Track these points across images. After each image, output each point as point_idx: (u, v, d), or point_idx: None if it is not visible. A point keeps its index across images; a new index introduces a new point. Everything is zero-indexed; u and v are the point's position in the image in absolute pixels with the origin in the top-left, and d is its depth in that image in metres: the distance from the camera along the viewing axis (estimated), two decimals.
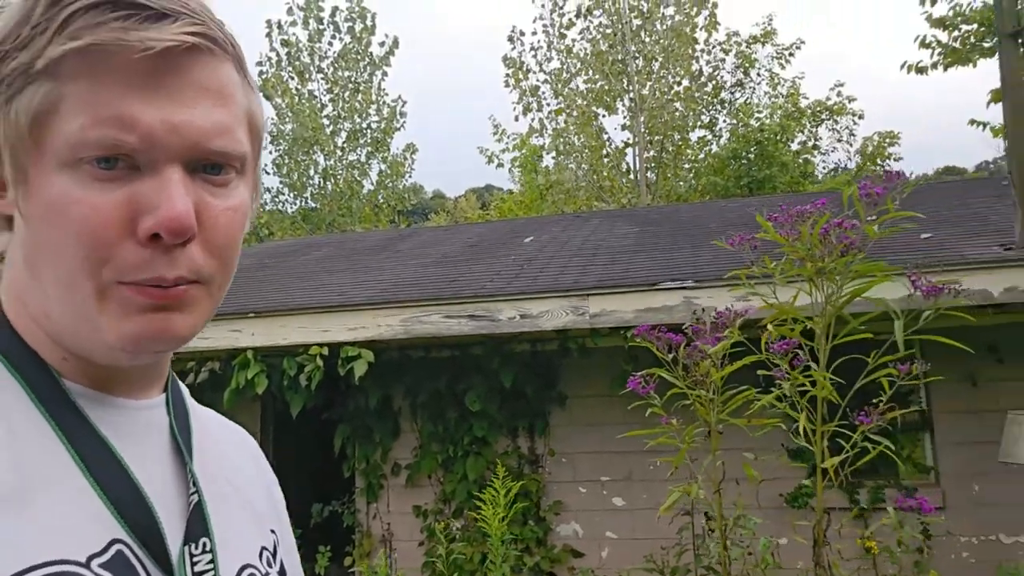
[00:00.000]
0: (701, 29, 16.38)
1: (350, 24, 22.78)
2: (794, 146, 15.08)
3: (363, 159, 22.28)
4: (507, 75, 16.89)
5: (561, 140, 16.22)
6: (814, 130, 15.41)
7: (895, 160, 15.26)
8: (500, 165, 16.28)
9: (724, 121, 15.33)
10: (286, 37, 22.29)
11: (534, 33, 17.24)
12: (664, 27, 16.98)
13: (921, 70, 11.00)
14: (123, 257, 0.59)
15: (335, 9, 22.76)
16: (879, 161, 15.07)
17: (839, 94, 15.60)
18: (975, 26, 10.83)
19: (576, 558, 6.80)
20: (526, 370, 6.91)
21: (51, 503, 0.59)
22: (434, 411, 7.08)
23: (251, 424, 7.43)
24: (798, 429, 6.50)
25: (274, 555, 0.78)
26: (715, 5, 16.41)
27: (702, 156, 15.43)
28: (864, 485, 6.45)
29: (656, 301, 5.83)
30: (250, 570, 0.73)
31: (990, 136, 11.81)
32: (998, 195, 8.27)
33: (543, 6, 16.89)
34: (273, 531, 0.80)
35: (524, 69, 17.30)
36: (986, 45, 10.90)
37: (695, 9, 16.80)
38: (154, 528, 0.63)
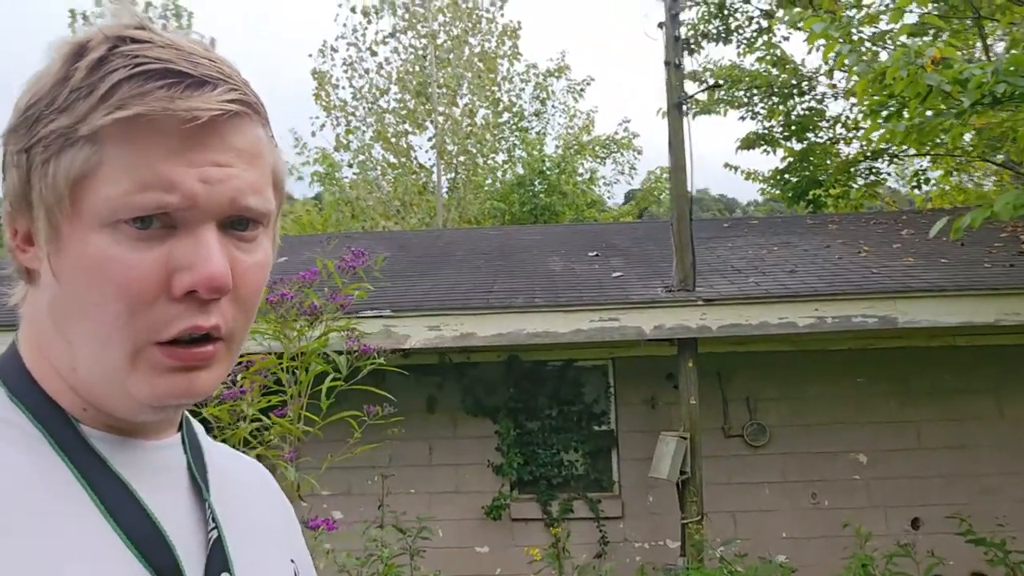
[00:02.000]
0: (503, 58, 17.23)
1: (164, 22, 22.11)
2: (580, 177, 16.14)
3: None
4: (315, 88, 17.02)
5: (365, 155, 16.55)
6: (600, 161, 16.61)
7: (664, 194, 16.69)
8: (300, 178, 16.46)
9: (520, 150, 16.20)
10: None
11: (347, 47, 17.40)
12: (470, 52, 17.68)
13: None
14: (158, 315, 0.61)
15: (148, 5, 22.04)
16: (656, 193, 16.46)
17: (626, 129, 16.96)
18: (721, 80, 12.08)
19: None
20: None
21: (74, 548, 0.60)
22: None
23: None
24: (497, 445, 7.09)
25: None
26: (517, 35, 17.29)
27: (493, 182, 16.20)
28: (556, 497, 7.13)
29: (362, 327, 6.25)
30: None
31: (741, 178, 13.18)
32: (708, 237, 9.32)
33: (349, 24, 17.09)
34: (292, 560, 0.81)
35: (333, 83, 17.48)
36: (733, 95, 12.19)
37: (501, 39, 17.62)
38: (174, 566, 0.64)
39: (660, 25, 6.68)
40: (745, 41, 11.29)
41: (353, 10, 16.68)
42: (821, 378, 7.21)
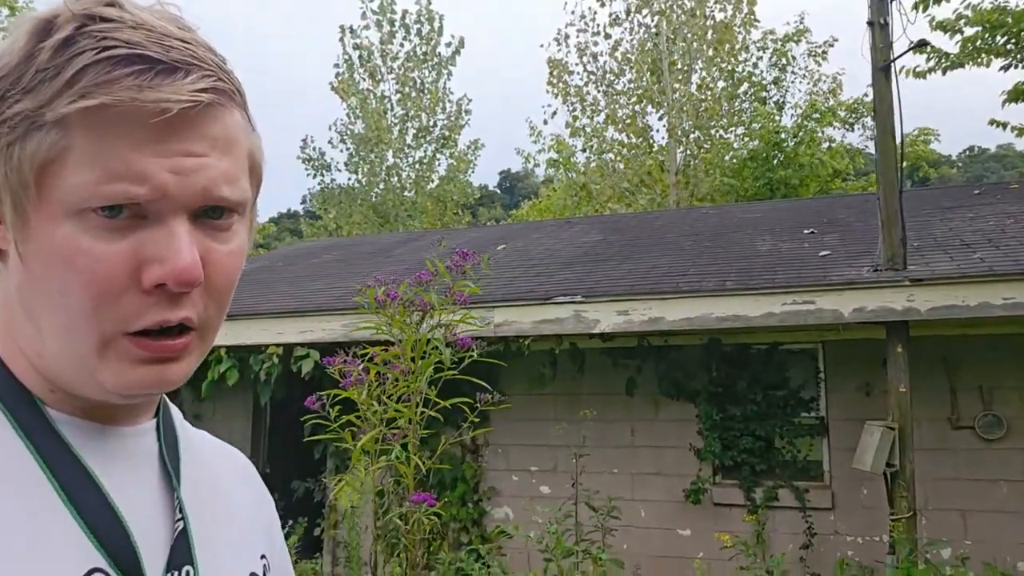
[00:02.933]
0: (739, 27, 16.56)
1: (419, 26, 23.91)
2: (826, 146, 15.07)
3: (429, 156, 23.43)
4: (550, 75, 17.53)
5: (598, 138, 16.78)
6: (848, 127, 15.35)
7: (929, 158, 15.01)
8: (536, 165, 17.00)
9: (756, 123, 15.45)
10: (358, 41, 23.63)
11: (577, 34, 17.72)
12: (707, 24, 17.22)
13: (920, 75, 11.01)
14: (126, 307, 0.59)
15: (405, 12, 23.94)
16: (917, 158, 14.87)
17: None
18: (978, 29, 10.76)
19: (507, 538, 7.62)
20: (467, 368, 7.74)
21: (30, 532, 0.59)
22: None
23: (244, 414, 8.60)
24: (699, 429, 7.12)
25: None
26: (754, 1, 16.53)
27: (733, 158, 15.64)
28: (761, 484, 6.95)
29: (550, 313, 6.55)
30: None
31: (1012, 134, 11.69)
32: (950, 206, 8.44)
33: (578, 11, 17.37)
34: (264, 556, 0.79)
35: (567, 69, 17.90)
36: (995, 42, 10.82)
37: (737, 7, 16.96)
38: (132, 557, 0.62)
39: None
40: None
41: None
42: None
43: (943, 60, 10.72)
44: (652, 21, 17.43)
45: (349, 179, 23.06)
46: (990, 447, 6.49)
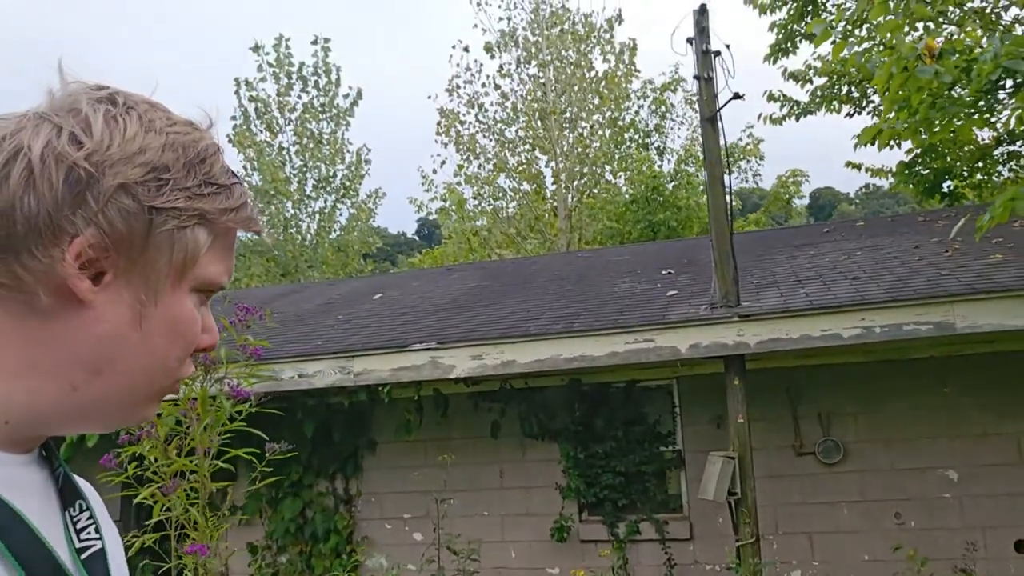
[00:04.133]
0: (620, 77, 17.28)
1: (316, 78, 24.06)
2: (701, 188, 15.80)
3: (329, 206, 23.43)
4: (439, 124, 17.89)
5: (489, 185, 17.16)
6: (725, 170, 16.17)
7: (799, 197, 15.93)
8: (429, 214, 17.27)
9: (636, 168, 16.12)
10: (254, 93, 23.60)
11: (466, 82, 18.17)
12: (591, 75, 17.90)
13: (776, 121, 11.72)
14: (189, 362, 0.75)
15: (302, 64, 24.07)
16: (787, 198, 15.81)
17: (750, 135, 16.42)
18: (824, 80, 11.53)
19: None
20: (336, 419, 7.75)
21: None
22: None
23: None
24: (564, 468, 7.26)
25: None
26: (634, 52, 17.32)
27: (615, 203, 16.25)
28: (624, 519, 7.14)
29: (407, 360, 6.65)
30: None
31: (867, 175, 12.45)
32: (799, 244, 8.96)
33: (463, 61, 17.82)
34: None
35: (459, 119, 18.28)
36: (842, 92, 11.60)
37: (619, 58, 17.72)
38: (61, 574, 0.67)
39: (689, 40, 6.62)
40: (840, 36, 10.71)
41: (467, 50, 17.36)
42: (902, 389, 6.76)
43: (795, 108, 11.45)
44: (539, 72, 18.01)
45: (247, 233, 22.78)
46: (831, 471, 6.85)
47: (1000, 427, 6.54)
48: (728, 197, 6.56)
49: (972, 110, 4.60)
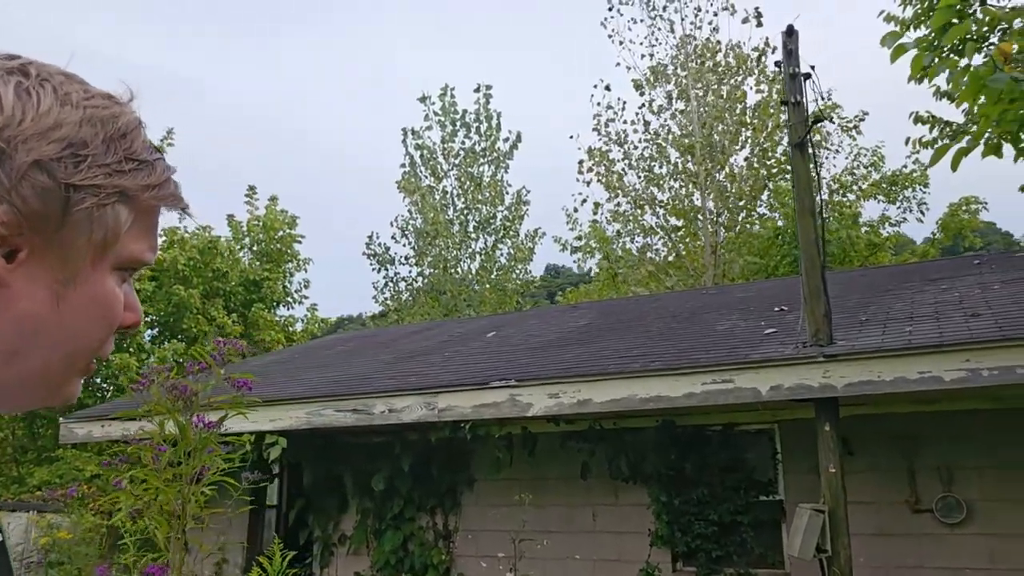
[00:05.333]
0: (773, 107, 16.61)
1: (478, 124, 25.00)
2: (865, 220, 14.70)
3: (490, 247, 24.09)
4: (588, 163, 17.97)
5: (633, 222, 16.96)
6: (890, 200, 14.92)
7: (974, 229, 14.37)
8: (575, 251, 17.27)
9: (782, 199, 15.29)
10: (420, 141, 24.89)
11: (609, 121, 18.17)
12: (740, 107, 17.37)
13: (925, 144, 10.76)
14: (110, 341, 0.74)
15: (464, 112, 25.12)
16: (963, 230, 14.28)
17: (915, 161, 15.08)
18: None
19: None
20: (436, 454, 7.90)
21: None
22: (365, 488, 8.24)
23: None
24: (656, 513, 7.04)
25: None
26: (774, 81, 16.62)
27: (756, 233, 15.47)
28: (719, 571, 6.72)
29: (488, 398, 6.68)
30: None
31: None
32: (937, 278, 8.15)
33: (604, 100, 17.84)
34: None
35: (607, 157, 18.29)
36: None
37: (771, 86, 17.09)
38: None
39: (777, 64, 6.30)
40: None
41: (608, 88, 17.37)
42: None
43: (946, 129, 10.46)
44: (686, 106, 17.69)
45: (409, 271, 23.93)
46: (953, 532, 6.10)
47: None
48: (821, 228, 6.11)
49: None
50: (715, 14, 18.07)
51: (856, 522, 6.25)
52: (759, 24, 15.78)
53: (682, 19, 17.79)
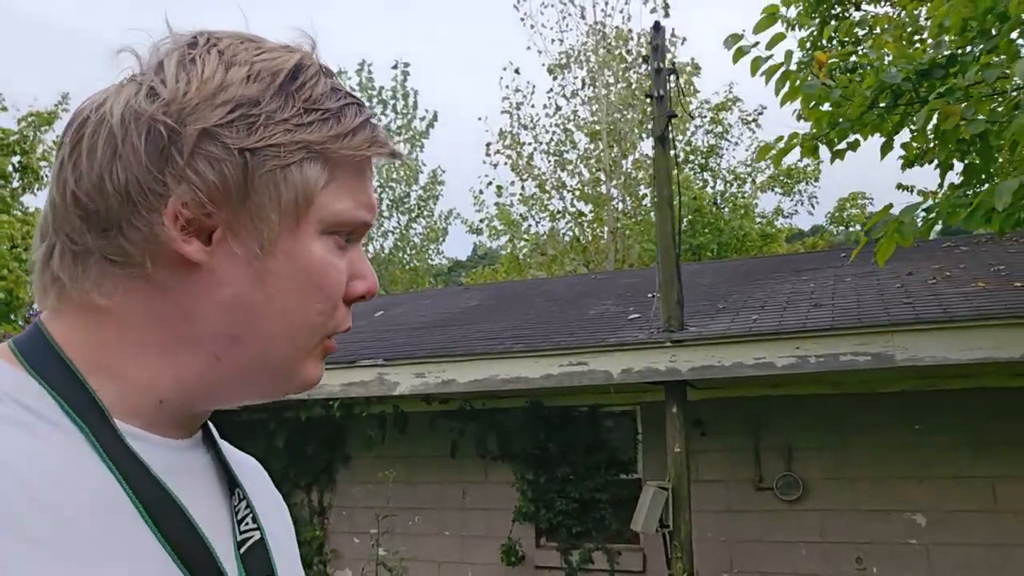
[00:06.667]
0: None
1: (395, 102, 24.82)
2: (759, 212, 15.27)
3: (403, 226, 24.02)
4: (496, 145, 18.10)
5: (538, 206, 17.21)
6: (786, 193, 15.52)
7: (861, 223, 15.10)
8: (479, 232, 17.45)
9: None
10: None
11: (518, 104, 18.32)
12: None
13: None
14: (340, 313, 0.68)
15: (381, 88, 24.90)
16: (848, 222, 15.01)
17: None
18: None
19: None
20: (312, 432, 7.95)
21: (113, 551, 0.57)
22: None
23: None
24: (522, 491, 7.23)
25: None
26: (693, 72, 17.01)
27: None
28: (578, 546, 6.98)
29: (356, 376, 6.76)
30: None
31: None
32: (798, 271, 8.56)
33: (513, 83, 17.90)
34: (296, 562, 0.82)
35: (518, 140, 18.45)
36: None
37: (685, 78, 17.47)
38: (216, 572, 0.62)
39: (644, 59, 6.50)
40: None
41: (517, 71, 17.45)
42: (870, 425, 6.33)
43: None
44: (594, 93, 17.95)
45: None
46: (791, 508, 6.48)
47: (974, 470, 6.03)
48: (676, 219, 6.37)
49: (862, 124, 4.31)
50: (626, 2, 18.37)
51: (707, 499, 6.60)
52: (667, 15, 16.12)
53: (593, 5, 18.02)
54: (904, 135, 5.61)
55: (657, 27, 6.48)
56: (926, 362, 5.24)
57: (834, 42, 8.81)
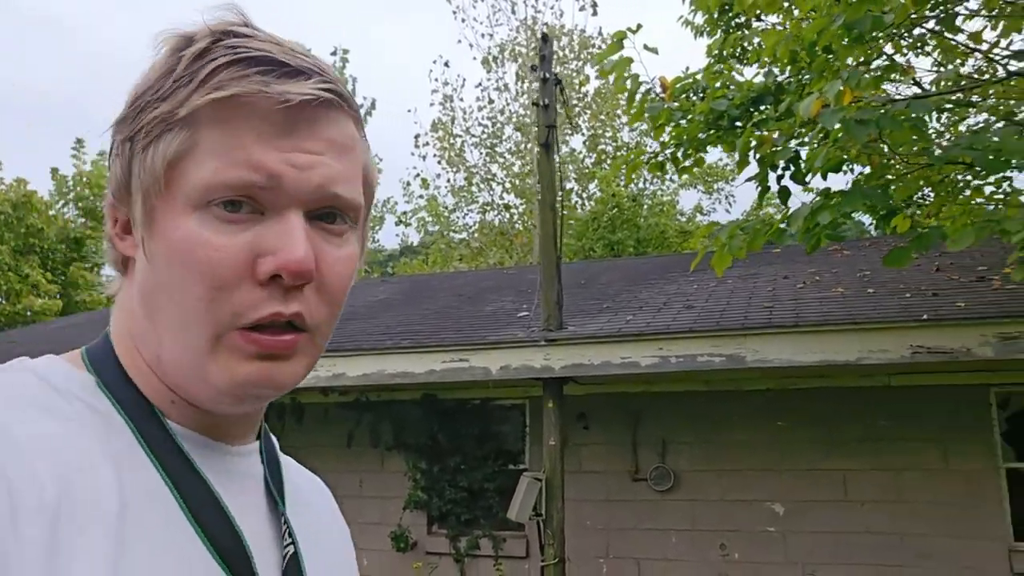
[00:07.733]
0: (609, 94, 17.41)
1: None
2: (680, 208, 15.76)
3: None
4: (426, 137, 18.26)
5: (467, 197, 17.45)
6: (707, 192, 16.04)
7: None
8: (408, 224, 17.65)
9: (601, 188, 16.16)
10: None
11: (446, 98, 18.50)
12: (583, 91, 18.05)
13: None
14: (241, 299, 0.59)
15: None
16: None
17: (720, 159, 16.29)
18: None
19: None
20: None
21: (157, 550, 0.58)
22: None
23: None
24: (415, 480, 7.45)
25: None
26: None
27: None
28: (467, 533, 7.29)
29: None
30: None
31: None
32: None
33: (441, 79, 18.06)
34: None
35: (449, 131, 18.64)
36: None
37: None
38: (250, 572, 0.62)
39: (533, 68, 6.77)
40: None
41: (448, 64, 17.59)
42: (737, 421, 6.75)
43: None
44: (526, 86, 18.22)
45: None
46: (664, 498, 6.88)
47: (828, 463, 6.48)
48: (559, 221, 6.67)
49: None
50: None
51: (588, 489, 6.96)
52: (595, 13, 16.42)
53: (524, 1, 18.24)
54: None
55: (545, 38, 6.76)
56: (774, 363, 5.64)
57: (737, 52, 9.18)
